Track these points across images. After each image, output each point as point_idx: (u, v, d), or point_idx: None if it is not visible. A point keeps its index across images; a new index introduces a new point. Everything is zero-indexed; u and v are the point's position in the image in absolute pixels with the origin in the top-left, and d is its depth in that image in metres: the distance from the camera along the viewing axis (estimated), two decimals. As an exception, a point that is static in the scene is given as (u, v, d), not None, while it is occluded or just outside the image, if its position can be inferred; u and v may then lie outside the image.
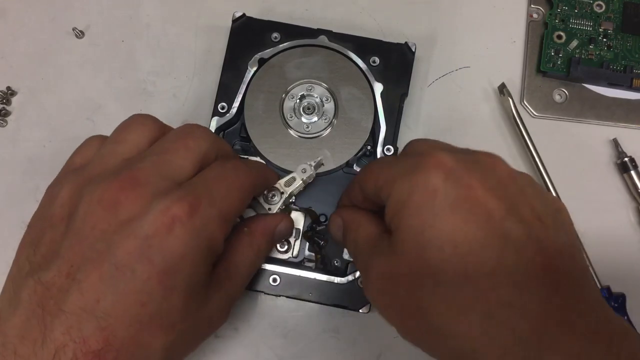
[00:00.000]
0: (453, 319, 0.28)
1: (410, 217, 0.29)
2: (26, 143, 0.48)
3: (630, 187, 0.46)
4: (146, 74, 0.49)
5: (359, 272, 0.41)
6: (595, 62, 0.48)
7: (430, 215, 0.28)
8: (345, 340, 0.45)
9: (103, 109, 0.49)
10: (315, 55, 0.45)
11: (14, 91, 0.49)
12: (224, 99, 0.45)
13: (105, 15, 0.50)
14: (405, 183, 0.30)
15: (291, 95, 0.45)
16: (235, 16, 0.46)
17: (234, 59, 0.45)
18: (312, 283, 0.42)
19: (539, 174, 0.46)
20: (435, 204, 0.28)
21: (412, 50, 0.45)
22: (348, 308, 0.42)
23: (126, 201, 0.30)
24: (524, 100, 0.48)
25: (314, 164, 0.41)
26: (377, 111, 0.44)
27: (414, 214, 0.29)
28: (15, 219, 0.47)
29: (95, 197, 0.30)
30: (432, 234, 0.28)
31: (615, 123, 0.48)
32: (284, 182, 0.41)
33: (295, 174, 0.41)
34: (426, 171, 0.29)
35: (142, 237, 0.29)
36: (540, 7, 0.50)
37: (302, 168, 0.41)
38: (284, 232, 0.41)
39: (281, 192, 0.41)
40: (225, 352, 0.45)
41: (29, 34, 0.50)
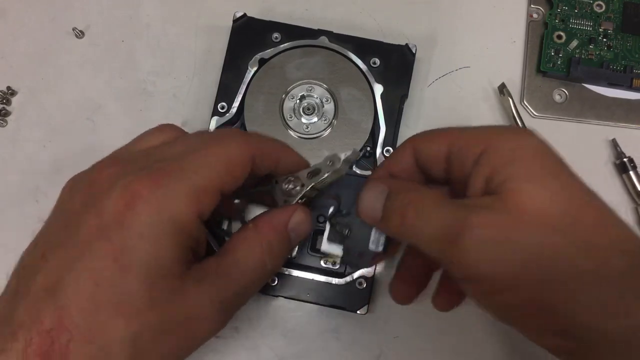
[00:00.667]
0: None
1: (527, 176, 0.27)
2: (26, 143, 0.48)
3: (629, 187, 0.46)
4: (146, 74, 0.49)
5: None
6: (595, 62, 0.48)
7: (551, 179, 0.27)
8: (345, 340, 0.45)
9: (103, 109, 0.49)
10: (316, 56, 0.45)
11: (14, 91, 0.49)
12: (224, 98, 0.45)
13: (105, 15, 0.50)
14: (511, 141, 0.28)
15: (291, 96, 0.45)
16: (236, 16, 0.46)
17: (234, 59, 0.45)
18: (310, 284, 0.42)
19: (539, 174, 0.46)
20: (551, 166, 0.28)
21: (412, 51, 0.45)
22: (346, 309, 0.42)
23: (99, 181, 0.29)
24: (524, 100, 0.48)
25: (344, 157, 0.33)
26: (377, 112, 0.44)
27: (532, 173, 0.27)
28: (15, 219, 0.47)
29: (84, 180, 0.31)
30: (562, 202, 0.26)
31: (615, 123, 0.48)
32: (307, 172, 0.34)
33: (321, 164, 0.33)
34: (528, 133, 0.28)
35: (103, 215, 0.28)
36: (540, 7, 0.50)
37: (329, 160, 0.33)
38: (302, 227, 0.33)
39: (302, 183, 0.34)
40: (226, 352, 0.45)
41: (29, 34, 0.50)
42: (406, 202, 0.29)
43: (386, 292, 0.45)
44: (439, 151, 0.31)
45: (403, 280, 0.37)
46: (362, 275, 0.42)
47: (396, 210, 0.30)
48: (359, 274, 0.42)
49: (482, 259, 0.27)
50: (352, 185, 0.44)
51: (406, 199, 0.30)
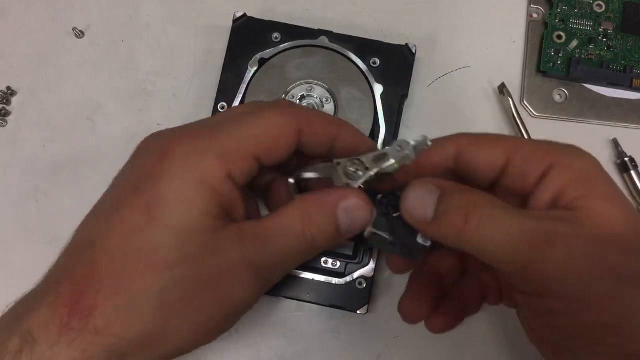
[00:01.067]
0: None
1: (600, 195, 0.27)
2: (26, 143, 0.48)
3: (630, 187, 0.46)
4: (146, 74, 0.49)
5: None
6: (595, 62, 0.48)
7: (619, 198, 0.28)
8: (345, 340, 0.45)
9: (103, 109, 0.49)
10: (316, 56, 0.45)
11: (14, 91, 0.49)
12: (223, 98, 0.45)
13: (105, 15, 0.50)
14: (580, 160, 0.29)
15: (291, 96, 0.45)
16: (236, 16, 0.46)
17: (234, 58, 0.45)
18: (310, 283, 0.42)
19: (539, 174, 0.46)
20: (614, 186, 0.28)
21: (412, 52, 0.45)
22: (346, 309, 0.42)
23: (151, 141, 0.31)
24: (524, 100, 0.48)
25: (414, 143, 0.30)
26: (376, 112, 0.44)
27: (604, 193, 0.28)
28: (15, 219, 0.47)
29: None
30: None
31: (615, 123, 0.48)
32: (372, 156, 0.31)
33: (388, 149, 0.30)
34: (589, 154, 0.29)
35: (140, 170, 0.29)
36: (540, 7, 0.50)
37: (397, 145, 0.30)
38: (356, 213, 0.30)
39: (366, 167, 0.31)
40: (226, 352, 0.45)
41: (29, 34, 0.50)
42: (469, 205, 0.28)
43: (386, 292, 0.46)
44: (494, 158, 0.30)
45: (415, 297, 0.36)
46: (362, 276, 0.42)
47: (455, 213, 0.28)
48: (358, 273, 0.42)
49: (571, 273, 0.26)
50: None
51: (469, 201, 0.28)
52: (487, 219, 0.27)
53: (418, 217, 0.29)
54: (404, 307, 0.36)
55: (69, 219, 0.47)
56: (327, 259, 0.44)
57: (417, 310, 0.35)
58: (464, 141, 0.31)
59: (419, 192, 0.30)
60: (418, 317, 0.36)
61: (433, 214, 0.29)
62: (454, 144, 0.31)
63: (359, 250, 0.44)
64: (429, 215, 0.29)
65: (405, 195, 0.30)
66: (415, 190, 0.30)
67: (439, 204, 0.29)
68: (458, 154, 0.31)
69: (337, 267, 0.44)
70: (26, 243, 0.47)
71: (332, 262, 0.44)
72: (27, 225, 0.47)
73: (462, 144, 0.31)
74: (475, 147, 0.30)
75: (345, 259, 0.44)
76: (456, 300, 0.36)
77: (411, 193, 0.30)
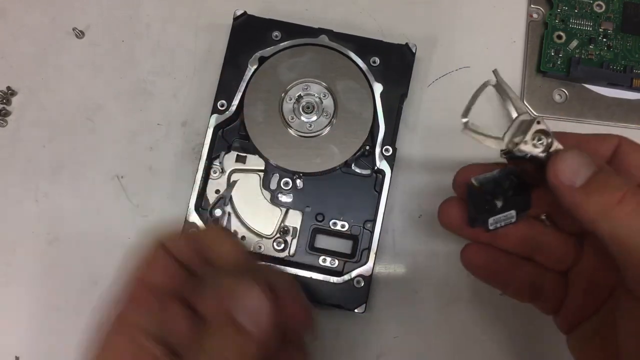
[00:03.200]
0: None
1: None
2: (26, 143, 0.48)
3: (630, 187, 0.46)
4: (146, 74, 0.49)
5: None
6: (595, 62, 0.48)
7: None
8: (345, 340, 0.45)
9: (103, 109, 0.49)
10: (305, 54, 0.45)
11: (14, 91, 0.49)
12: (223, 96, 0.45)
13: (105, 15, 0.50)
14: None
15: (289, 97, 0.45)
16: (236, 14, 0.46)
17: (234, 57, 0.45)
18: (308, 282, 0.42)
19: (539, 174, 0.46)
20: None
21: (412, 51, 0.45)
22: (343, 308, 0.42)
23: None
24: (524, 100, 0.48)
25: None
26: (376, 111, 0.44)
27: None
28: (15, 219, 0.47)
29: None
30: None
31: (615, 123, 0.48)
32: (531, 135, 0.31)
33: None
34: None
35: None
36: (540, 7, 0.50)
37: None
38: None
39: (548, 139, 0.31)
40: (225, 352, 0.45)
41: (29, 34, 0.50)
42: (630, 189, 0.28)
43: (386, 292, 0.46)
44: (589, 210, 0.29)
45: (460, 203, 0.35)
46: (360, 274, 0.42)
47: (612, 190, 0.28)
48: (356, 272, 0.42)
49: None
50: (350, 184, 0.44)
51: (630, 185, 0.28)
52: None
53: (565, 179, 0.29)
54: (445, 206, 0.36)
55: (69, 219, 0.48)
56: (325, 258, 0.44)
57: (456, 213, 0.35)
58: (624, 140, 0.32)
59: (577, 158, 0.29)
60: (455, 221, 0.35)
61: (583, 182, 0.28)
62: (615, 140, 0.32)
63: (357, 249, 0.44)
64: (578, 181, 0.28)
65: (560, 155, 0.29)
66: (574, 155, 0.29)
67: (594, 176, 0.28)
68: (615, 150, 0.32)
69: (335, 266, 0.44)
70: (26, 243, 0.47)
71: (330, 260, 0.44)
72: (27, 225, 0.47)
73: (622, 142, 0.32)
74: (635, 150, 0.32)
75: (343, 258, 0.44)
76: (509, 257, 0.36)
77: (568, 155, 0.29)
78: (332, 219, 0.44)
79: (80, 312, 0.46)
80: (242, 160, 0.45)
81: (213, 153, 0.45)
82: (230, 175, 0.45)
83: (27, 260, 0.47)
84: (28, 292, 0.46)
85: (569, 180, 0.29)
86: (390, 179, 0.44)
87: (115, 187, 0.47)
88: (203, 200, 0.45)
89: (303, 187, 0.45)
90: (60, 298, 0.46)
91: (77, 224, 0.47)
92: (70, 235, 0.47)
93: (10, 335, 0.46)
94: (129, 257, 0.31)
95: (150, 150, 0.48)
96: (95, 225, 0.47)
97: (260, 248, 0.44)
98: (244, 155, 0.45)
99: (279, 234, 0.44)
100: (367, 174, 0.45)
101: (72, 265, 0.46)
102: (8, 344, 0.46)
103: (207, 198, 0.45)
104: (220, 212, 0.44)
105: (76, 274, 0.46)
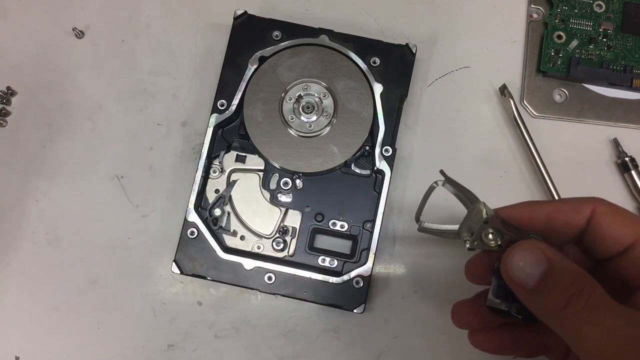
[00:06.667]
0: None
1: None
2: (26, 143, 0.48)
3: (631, 186, 0.46)
4: (146, 74, 0.49)
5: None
6: (595, 62, 0.48)
7: None
8: (345, 340, 0.45)
9: (103, 109, 0.49)
10: (305, 55, 0.45)
11: (14, 91, 0.49)
12: (223, 96, 0.45)
13: (105, 15, 0.50)
14: None
15: (289, 97, 0.45)
16: (237, 14, 0.46)
17: (234, 56, 0.45)
18: (308, 282, 0.42)
19: (540, 174, 0.46)
20: None
21: (412, 51, 0.45)
22: (342, 308, 0.42)
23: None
24: (524, 100, 0.48)
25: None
26: (376, 111, 0.44)
27: None
28: (15, 219, 0.47)
29: None
30: None
31: (615, 123, 0.48)
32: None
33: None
34: None
35: None
36: (540, 7, 0.50)
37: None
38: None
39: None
40: (226, 352, 0.45)
41: (29, 34, 0.50)
42: (576, 289, 0.27)
43: (386, 291, 0.45)
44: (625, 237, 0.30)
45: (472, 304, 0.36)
46: (359, 274, 0.42)
47: (559, 292, 0.28)
48: (356, 272, 0.42)
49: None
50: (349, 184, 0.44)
51: (577, 285, 0.27)
52: (589, 311, 0.27)
53: (518, 281, 0.29)
54: (457, 308, 0.36)
55: (69, 219, 0.48)
56: (325, 258, 0.44)
57: (467, 317, 0.36)
58: (599, 206, 0.31)
59: (527, 258, 0.29)
60: (465, 324, 0.36)
61: (534, 283, 0.28)
62: (590, 207, 0.31)
63: (356, 249, 0.44)
64: (530, 284, 0.28)
65: (510, 255, 0.29)
66: (523, 253, 0.29)
67: (545, 275, 0.28)
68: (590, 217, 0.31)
69: (335, 266, 0.44)
70: (26, 243, 0.47)
71: (329, 260, 0.44)
72: (27, 225, 0.47)
73: (597, 208, 0.31)
74: (611, 218, 0.30)
75: (342, 258, 0.44)
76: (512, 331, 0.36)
77: (518, 253, 0.29)
78: (332, 219, 0.44)
79: (80, 312, 0.46)
80: (241, 160, 0.45)
81: (213, 153, 0.45)
82: (229, 175, 0.45)
83: (27, 260, 0.47)
84: (28, 292, 0.46)
85: (520, 281, 0.29)
86: (390, 179, 0.44)
87: (115, 187, 0.47)
88: (203, 199, 0.45)
89: (302, 187, 0.45)
90: (60, 298, 0.46)
91: (77, 224, 0.47)
92: (70, 235, 0.47)
93: (10, 335, 0.46)
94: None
95: (150, 150, 0.48)
96: (95, 225, 0.47)
97: (259, 248, 0.44)
98: (244, 155, 0.45)
99: (279, 234, 0.44)
100: (367, 174, 0.45)
101: (72, 265, 0.47)
102: (8, 344, 0.46)
103: (207, 197, 0.45)
104: (219, 211, 0.44)
105: (76, 274, 0.46)
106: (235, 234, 0.44)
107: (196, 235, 0.43)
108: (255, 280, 0.42)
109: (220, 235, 0.44)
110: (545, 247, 0.29)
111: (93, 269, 0.46)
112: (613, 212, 0.31)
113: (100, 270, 0.46)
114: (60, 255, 0.47)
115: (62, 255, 0.47)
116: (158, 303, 0.46)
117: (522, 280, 0.28)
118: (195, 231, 0.43)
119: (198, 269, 0.43)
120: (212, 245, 0.43)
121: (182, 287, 0.46)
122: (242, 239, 0.44)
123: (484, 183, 0.47)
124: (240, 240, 0.44)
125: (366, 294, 0.42)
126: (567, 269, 0.28)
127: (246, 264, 0.43)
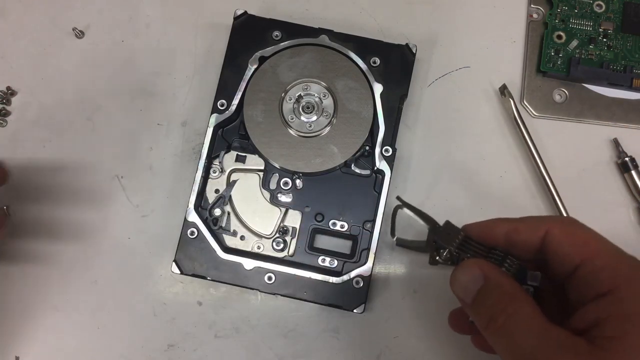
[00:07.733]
0: None
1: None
2: (26, 143, 0.48)
3: (631, 186, 0.46)
4: (146, 74, 0.49)
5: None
6: (595, 62, 0.48)
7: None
8: (345, 340, 0.45)
9: (103, 109, 0.49)
10: (308, 53, 0.45)
11: (14, 91, 0.49)
12: (223, 96, 0.45)
13: (105, 15, 0.50)
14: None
15: (289, 97, 0.45)
16: (237, 14, 0.46)
17: (234, 56, 0.46)
18: (307, 282, 0.42)
19: (540, 174, 0.46)
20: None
21: (412, 51, 0.45)
22: (342, 308, 0.42)
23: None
24: (524, 100, 0.48)
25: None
26: (376, 112, 0.44)
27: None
28: (15, 219, 0.47)
29: None
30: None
31: (615, 123, 0.48)
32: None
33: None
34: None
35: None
36: (540, 7, 0.50)
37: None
38: None
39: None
40: (226, 352, 0.45)
41: (29, 34, 0.50)
42: (500, 306, 0.29)
43: (386, 291, 0.45)
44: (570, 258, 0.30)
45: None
46: (359, 274, 0.42)
47: (487, 308, 0.30)
48: (356, 272, 0.42)
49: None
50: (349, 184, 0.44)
51: (501, 301, 0.30)
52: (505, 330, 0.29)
53: (459, 296, 0.32)
54: (453, 317, 0.38)
55: (69, 219, 0.47)
56: (325, 258, 0.44)
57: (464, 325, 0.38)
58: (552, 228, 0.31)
59: (466, 276, 0.31)
60: (462, 331, 0.38)
61: (471, 299, 0.31)
62: (544, 227, 0.32)
63: (356, 249, 0.44)
64: (468, 299, 0.31)
65: (455, 270, 0.32)
66: (463, 272, 0.32)
67: (478, 295, 0.31)
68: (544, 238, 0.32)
69: (335, 266, 0.44)
70: (26, 243, 0.47)
71: (329, 260, 0.44)
72: (27, 225, 0.47)
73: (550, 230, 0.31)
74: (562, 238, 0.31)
75: (342, 258, 0.44)
76: None
77: (459, 272, 0.32)
78: (332, 219, 0.44)
79: (80, 312, 0.46)
80: (241, 160, 0.45)
81: (213, 153, 0.45)
82: (229, 175, 0.45)
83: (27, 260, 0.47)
84: (28, 292, 0.46)
85: (460, 297, 0.32)
86: (390, 179, 0.44)
87: (115, 187, 0.47)
88: (203, 199, 0.45)
89: (302, 187, 0.45)
90: (60, 298, 0.46)
91: (76, 224, 0.47)
92: (70, 235, 0.47)
93: (10, 335, 0.46)
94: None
95: (150, 150, 0.48)
96: (95, 225, 0.47)
97: (259, 248, 0.44)
98: (244, 155, 0.45)
99: (279, 234, 0.44)
100: (367, 174, 0.45)
101: (72, 265, 0.46)
102: (8, 344, 0.46)
103: (207, 197, 0.45)
104: (219, 211, 0.44)
105: (76, 274, 0.46)
106: (235, 234, 0.44)
107: (196, 235, 0.43)
108: (255, 280, 0.42)
109: (220, 235, 0.44)
110: (486, 265, 0.31)
111: (93, 269, 0.46)
112: (565, 233, 0.31)
113: (100, 270, 0.46)
114: (59, 255, 0.47)
115: (61, 255, 0.47)
116: (158, 303, 0.46)
117: (461, 296, 0.32)
118: (195, 231, 0.43)
119: (198, 269, 0.43)
120: (212, 245, 0.43)
121: (182, 287, 0.46)
122: (242, 239, 0.44)
123: (484, 183, 0.47)
124: (240, 240, 0.44)
125: (366, 294, 0.42)
126: (499, 288, 0.30)
127: (246, 264, 0.43)
